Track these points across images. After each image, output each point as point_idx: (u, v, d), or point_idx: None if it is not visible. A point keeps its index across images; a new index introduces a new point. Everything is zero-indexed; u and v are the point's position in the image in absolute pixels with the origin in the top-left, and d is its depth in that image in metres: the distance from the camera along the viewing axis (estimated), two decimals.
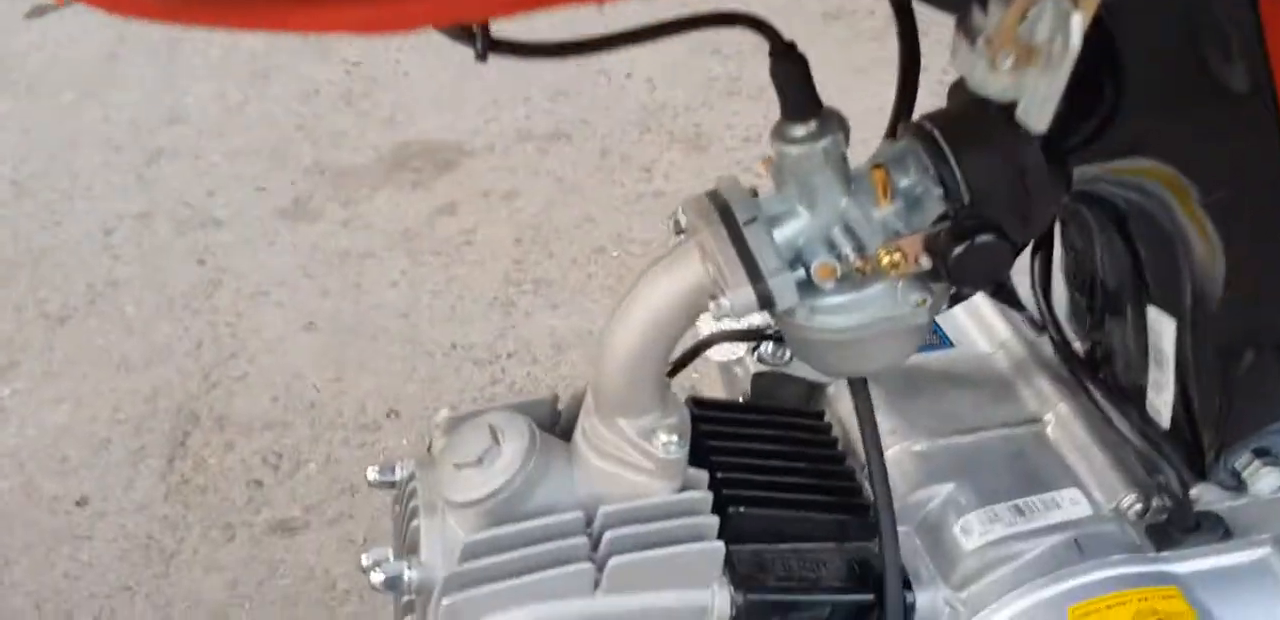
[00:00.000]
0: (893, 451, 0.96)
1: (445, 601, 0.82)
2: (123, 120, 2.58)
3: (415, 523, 0.88)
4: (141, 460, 1.97)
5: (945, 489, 0.93)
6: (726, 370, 1.19)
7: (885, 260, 0.76)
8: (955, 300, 0.95)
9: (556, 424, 0.95)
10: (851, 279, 0.79)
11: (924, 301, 0.80)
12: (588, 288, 2.19)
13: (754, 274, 0.78)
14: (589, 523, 0.86)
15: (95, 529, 1.88)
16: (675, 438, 0.85)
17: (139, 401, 2.05)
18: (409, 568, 0.86)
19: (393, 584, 0.86)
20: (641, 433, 0.86)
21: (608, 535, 0.84)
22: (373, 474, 0.93)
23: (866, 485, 0.94)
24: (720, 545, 0.85)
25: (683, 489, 0.87)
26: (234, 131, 2.53)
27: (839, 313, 0.81)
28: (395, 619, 0.92)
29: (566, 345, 2.08)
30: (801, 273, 0.78)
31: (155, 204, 2.39)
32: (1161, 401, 0.89)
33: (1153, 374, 0.89)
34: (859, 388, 0.88)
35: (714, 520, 0.86)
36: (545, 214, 2.29)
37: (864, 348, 0.83)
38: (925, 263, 0.77)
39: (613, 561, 0.83)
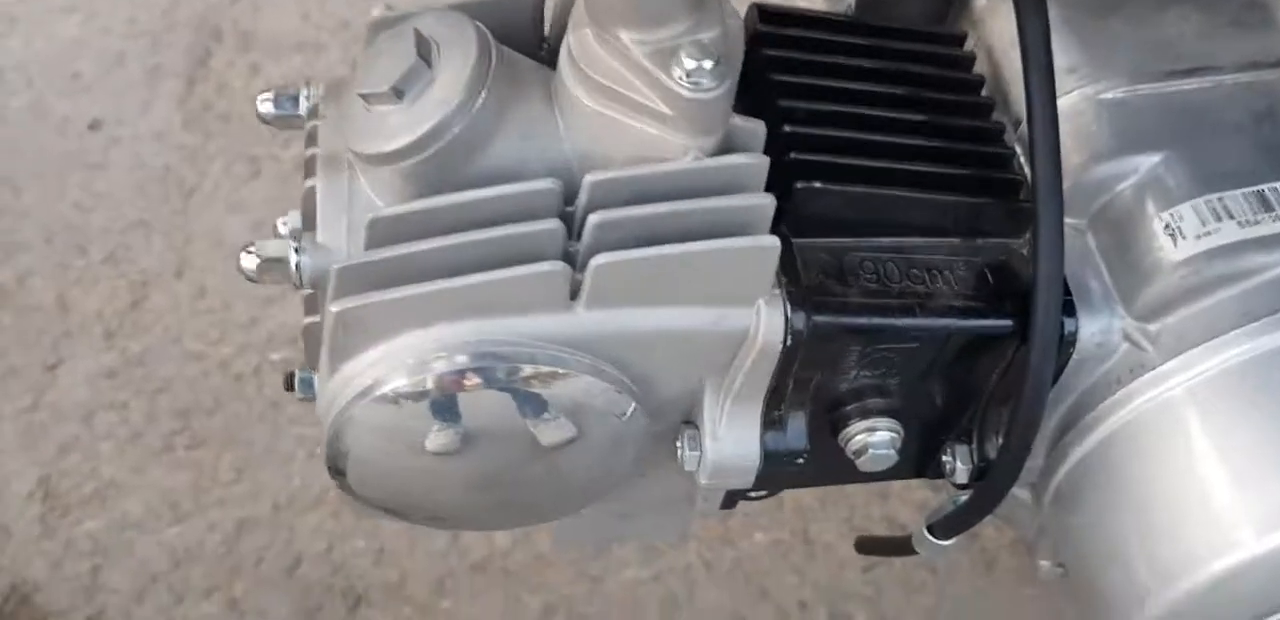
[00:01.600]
0: (1070, 99, 0.59)
1: (337, 307, 0.50)
2: None
3: (310, 183, 0.55)
4: (159, 80, 1.65)
5: (1146, 162, 0.57)
6: None
7: None
8: None
9: (543, 43, 0.59)
10: None
11: None
12: None
13: None
14: (571, 199, 0.52)
15: (109, 156, 1.60)
16: (708, 64, 0.49)
17: (157, 13, 1.71)
18: (297, 250, 0.54)
19: (269, 272, 0.54)
20: (655, 54, 0.50)
21: (594, 219, 0.50)
22: (265, 105, 0.60)
23: (1020, 153, 0.59)
24: (773, 243, 0.51)
25: (723, 150, 0.52)
26: None
27: None
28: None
29: None
30: None
31: None
32: None
33: None
34: None
35: (764, 202, 0.51)
36: None
37: None
38: None
39: (599, 260, 0.50)
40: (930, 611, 1.17)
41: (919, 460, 0.62)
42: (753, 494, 0.64)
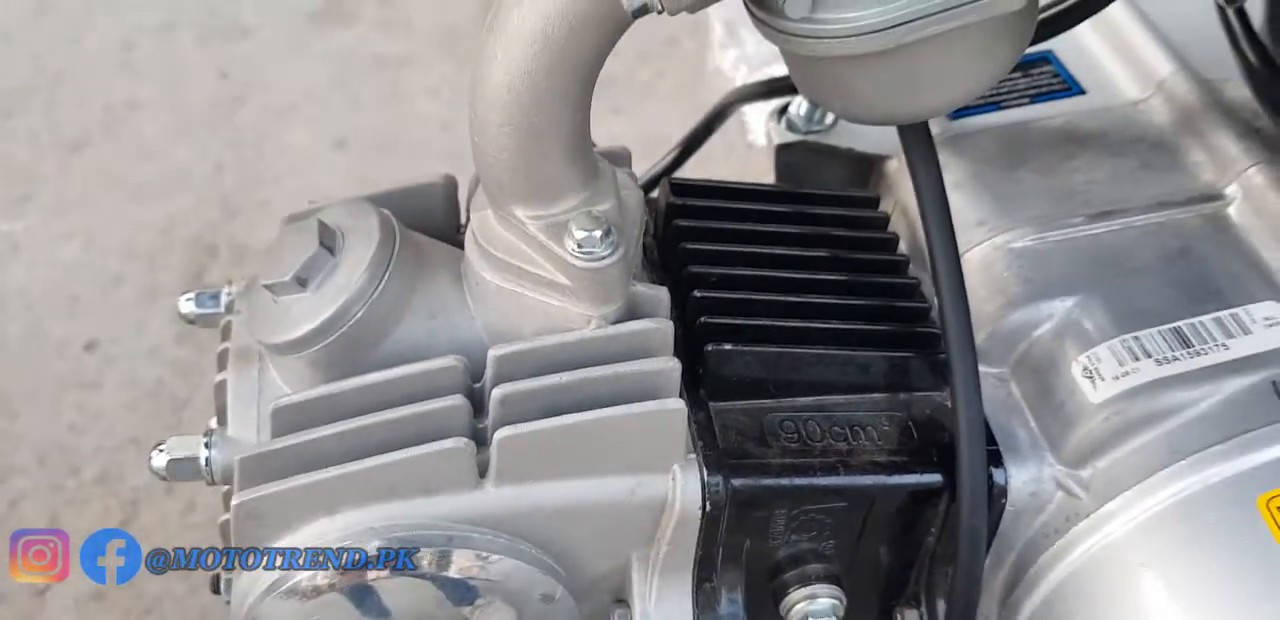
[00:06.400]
0: (980, 250, 0.60)
1: (237, 499, 0.50)
2: None
3: (220, 377, 0.56)
4: (154, 298, 1.70)
5: (1060, 306, 0.57)
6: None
7: None
8: None
9: (459, 228, 0.61)
10: None
11: None
12: (657, 87, 1.82)
13: None
14: (481, 376, 0.53)
15: (104, 375, 1.63)
16: (597, 233, 0.50)
17: (154, 234, 1.77)
18: (208, 446, 0.54)
19: (180, 471, 0.54)
20: (549, 228, 0.51)
21: (498, 393, 0.51)
22: (187, 305, 0.62)
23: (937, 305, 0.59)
24: (678, 405, 0.51)
25: (627, 318, 0.53)
26: None
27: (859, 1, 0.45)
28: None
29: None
30: None
31: (178, 13, 2.07)
32: None
33: None
34: (914, 139, 0.52)
35: (669, 365, 0.52)
36: None
37: (917, 64, 0.47)
38: None
39: (502, 435, 0.50)
40: None
41: None
42: None
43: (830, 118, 0.69)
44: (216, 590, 0.58)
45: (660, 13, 0.45)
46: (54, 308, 1.70)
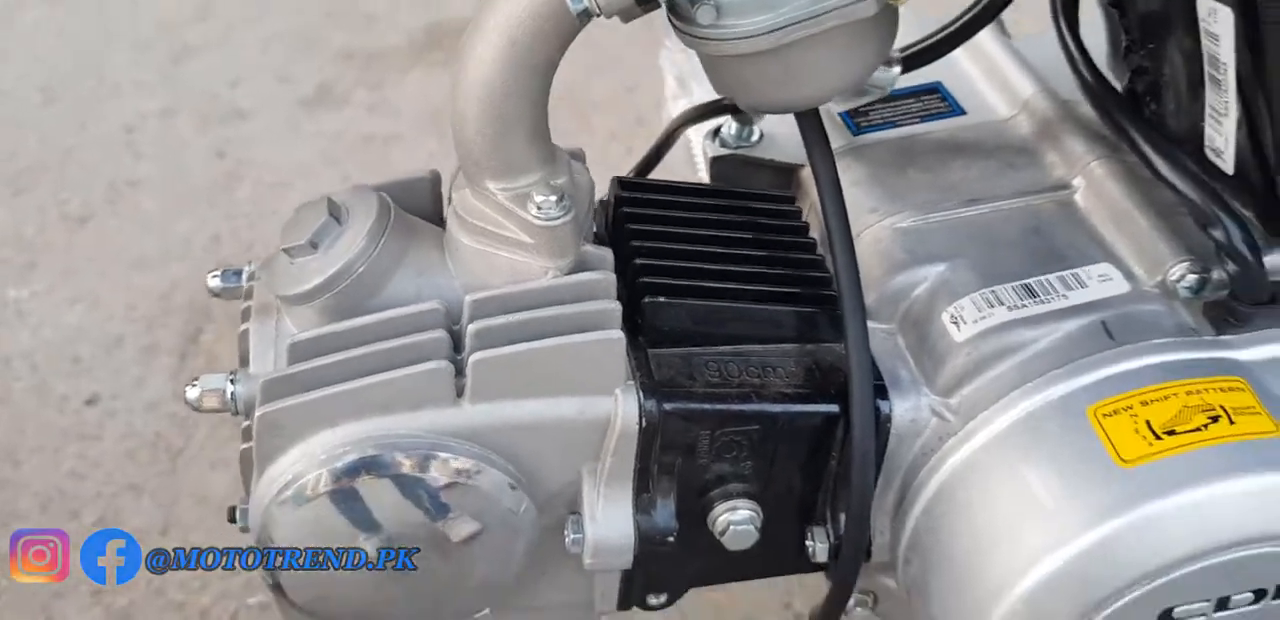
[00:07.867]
0: (871, 231, 0.73)
1: (259, 412, 0.63)
2: (151, 19, 2.44)
3: (244, 327, 0.69)
4: (153, 358, 1.82)
5: (935, 270, 0.70)
6: None
7: None
8: None
9: (443, 217, 0.74)
10: None
11: None
12: (628, 162, 1.97)
13: None
14: (458, 321, 0.66)
15: (104, 428, 1.74)
16: (553, 198, 0.64)
17: (153, 299, 1.90)
18: (232, 381, 0.67)
19: (210, 399, 0.67)
20: (515, 197, 0.65)
21: (473, 328, 0.64)
22: (214, 281, 0.74)
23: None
24: (618, 335, 0.64)
25: (578, 271, 0.66)
26: (263, 21, 2.37)
27: (753, 8, 0.59)
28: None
29: None
30: None
31: (178, 100, 2.24)
32: (1223, 137, 0.65)
33: (1210, 100, 0.65)
34: (808, 125, 0.66)
35: (611, 306, 0.65)
36: (583, 84, 2.08)
37: (796, 61, 0.61)
38: None
39: (476, 357, 0.63)
40: None
41: (796, 553, 0.72)
42: (651, 600, 0.73)
43: (756, 135, 0.83)
44: (233, 520, 0.69)
45: (598, 16, 0.59)
46: (57, 367, 1.82)
